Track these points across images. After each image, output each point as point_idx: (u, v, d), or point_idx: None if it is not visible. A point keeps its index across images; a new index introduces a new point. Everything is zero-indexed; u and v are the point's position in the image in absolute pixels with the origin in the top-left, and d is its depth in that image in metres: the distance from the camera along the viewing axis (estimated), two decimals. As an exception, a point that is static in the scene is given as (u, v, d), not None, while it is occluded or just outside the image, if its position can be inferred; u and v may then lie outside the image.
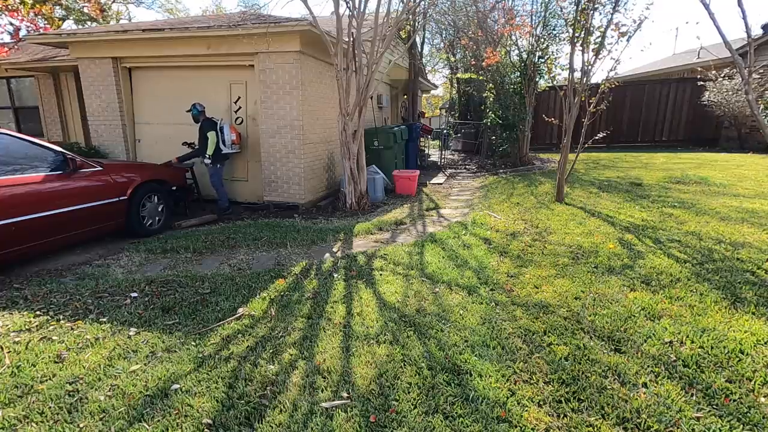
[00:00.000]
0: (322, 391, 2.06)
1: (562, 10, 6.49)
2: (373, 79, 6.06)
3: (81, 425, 1.86)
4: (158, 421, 1.88)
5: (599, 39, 5.50)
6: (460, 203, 6.81)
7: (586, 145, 6.25)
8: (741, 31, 3.99)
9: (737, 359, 2.22)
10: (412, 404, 1.95)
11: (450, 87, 22.77)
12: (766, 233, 4.17)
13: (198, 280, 3.53)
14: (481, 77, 10.83)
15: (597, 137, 6.91)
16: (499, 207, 5.94)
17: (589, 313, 2.76)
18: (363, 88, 5.93)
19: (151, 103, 7.22)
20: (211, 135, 5.96)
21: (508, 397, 1.98)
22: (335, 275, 3.60)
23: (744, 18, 3.36)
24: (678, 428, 1.78)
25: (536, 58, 9.34)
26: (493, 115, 10.57)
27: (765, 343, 2.36)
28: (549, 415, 1.87)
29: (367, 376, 2.15)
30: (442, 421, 1.84)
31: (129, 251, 4.39)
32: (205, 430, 1.83)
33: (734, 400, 1.93)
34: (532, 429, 1.80)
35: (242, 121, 6.81)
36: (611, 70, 5.81)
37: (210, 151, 5.99)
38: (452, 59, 18.25)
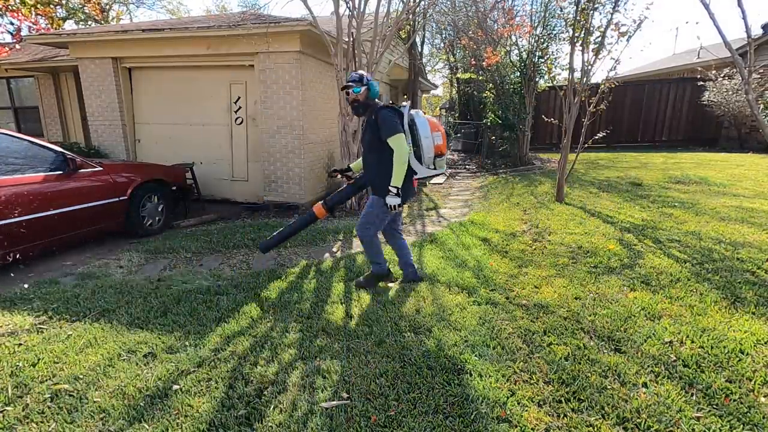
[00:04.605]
0: (322, 391, 2.06)
1: (561, 10, 6.50)
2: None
3: (81, 425, 1.86)
4: (158, 421, 1.88)
5: (599, 39, 5.50)
6: (459, 203, 6.81)
7: (586, 145, 6.25)
8: (741, 31, 3.99)
9: (737, 359, 2.22)
10: (412, 404, 1.95)
11: (450, 87, 22.77)
12: (766, 233, 4.16)
13: (198, 279, 3.53)
14: (481, 77, 10.84)
15: (597, 137, 6.91)
16: (498, 207, 5.94)
17: (589, 313, 2.76)
18: (363, 88, 5.92)
19: (151, 103, 7.22)
20: (398, 141, 2.76)
21: (508, 397, 1.98)
22: (335, 275, 3.60)
23: (744, 18, 3.36)
24: (678, 428, 1.78)
25: (536, 58, 9.34)
26: (493, 115, 10.57)
27: (765, 343, 2.36)
28: (549, 415, 1.87)
29: (366, 376, 2.15)
30: (442, 421, 1.84)
31: (129, 251, 4.39)
32: (205, 430, 1.83)
33: (734, 400, 1.92)
34: (532, 429, 1.79)
35: (242, 121, 6.81)
36: (611, 70, 5.81)
37: (398, 179, 2.78)
38: (452, 59, 18.25)
